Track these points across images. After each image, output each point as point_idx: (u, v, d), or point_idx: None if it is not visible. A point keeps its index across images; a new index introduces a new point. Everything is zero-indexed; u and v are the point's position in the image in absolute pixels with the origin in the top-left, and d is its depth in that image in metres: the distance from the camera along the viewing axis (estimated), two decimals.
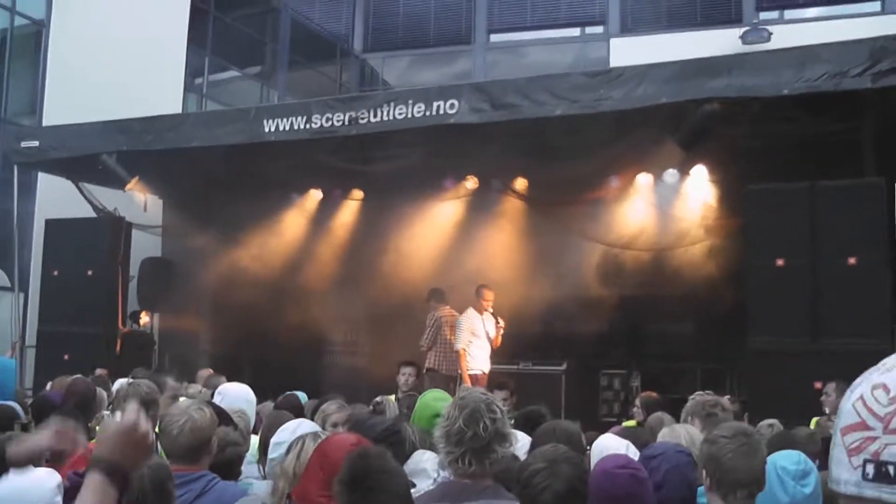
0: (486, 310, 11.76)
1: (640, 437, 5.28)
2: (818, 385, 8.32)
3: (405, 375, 10.10)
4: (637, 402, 9.22)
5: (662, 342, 12.29)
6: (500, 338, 11.79)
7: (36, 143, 12.42)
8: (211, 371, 10.85)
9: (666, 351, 12.14)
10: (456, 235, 12.93)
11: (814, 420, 7.95)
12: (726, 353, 11.05)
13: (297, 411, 6.30)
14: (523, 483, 3.26)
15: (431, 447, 4.32)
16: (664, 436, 4.66)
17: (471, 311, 11.74)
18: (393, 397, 7.90)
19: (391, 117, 10.19)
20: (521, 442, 4.78)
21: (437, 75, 21.62)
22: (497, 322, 11.71)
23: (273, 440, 4.43)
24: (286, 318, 13.20)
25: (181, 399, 5.83)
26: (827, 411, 7.97)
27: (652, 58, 10.08)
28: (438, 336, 12.20)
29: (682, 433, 4.61)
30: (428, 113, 10.00)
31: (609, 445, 4.67)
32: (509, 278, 12.13)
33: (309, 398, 7.64)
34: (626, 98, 9.15)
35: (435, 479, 4.11)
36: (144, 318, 14.31)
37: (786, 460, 3.92)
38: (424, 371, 11.34)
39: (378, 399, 7.13)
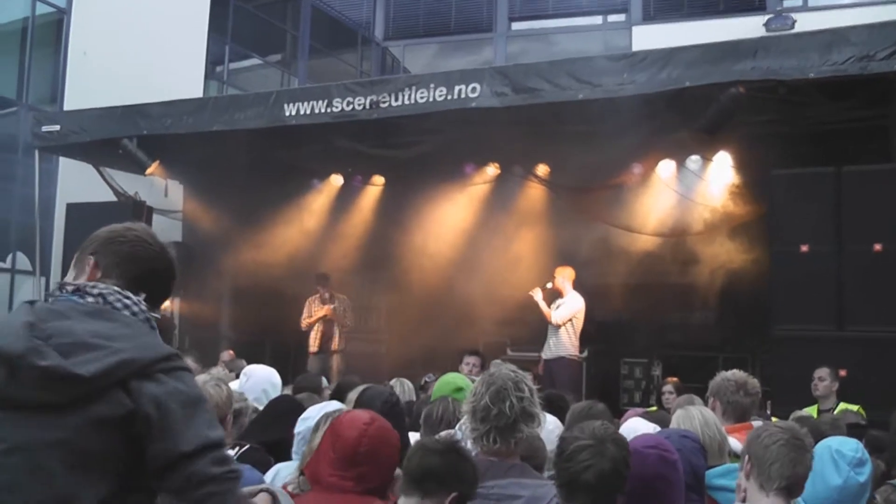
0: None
1: (663, 421, 5.23)
2: (843, 373, 8.25)
3: (468, 365, 9.55)
4: (667, 388, 9.18)
5: (684, 330, 12.21)
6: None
7: (57, 128, 12.43)
8: (232, 353, 10.85)
9: (688, 339, 12.07)
10: (477, 222, 12.89)
11: (840, 405, 7.89)
12: (749, 341, 10.97)
13: (317, 391, 6.27)
14: (566, 457, 3.19)
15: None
16: (678, 418, 4.58)
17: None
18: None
19: (412, 101, 10.11)
20: (551, 426, 4.75)
21: (458, 64, 21.48)
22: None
23: (301, 416, 4.41)
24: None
25: (198, 376, 5.80)
26: (819, 395, 7.98)
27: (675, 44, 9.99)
28: None
29: (695, 415, 4.53)
30: (449, 97, 9.93)
31: (637, 428, 4.63)
32: (530, 265, 12.08)
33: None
34: (649, 82, 9.03)
35: None
36: (165, 303, 14.30)
37: (844, 446, 3.91)
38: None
39: (429, 377, 7.08)
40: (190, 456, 2.30)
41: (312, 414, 4.30)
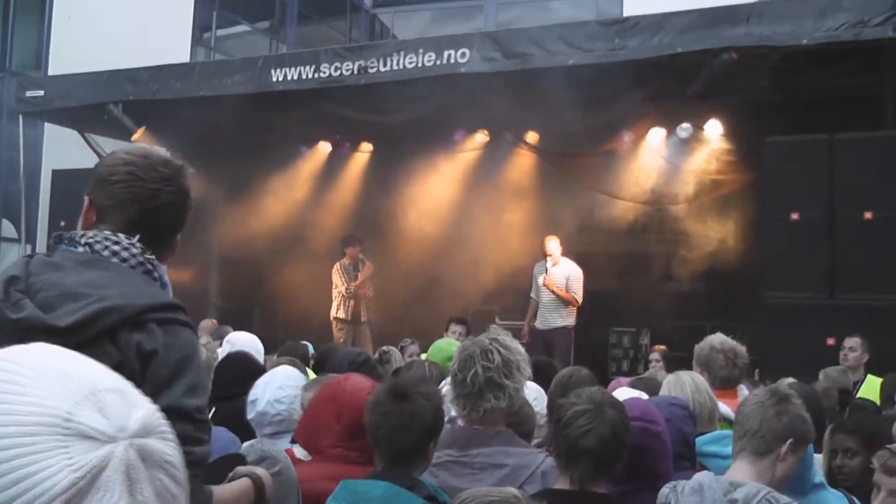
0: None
1: (652, 388, 5.18)
2: (831, 341, 8.22)
3: (454, 334, 9.15)
4: (654, 356, 9.15)
5: (673, 299, 12.15)
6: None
7: (41, 93, 12.30)
8: (214, 321, 10.77)
9: (677, 308, 12.00)
10: (466, 189, 12.82)
11: (868, 378, 7.74)
12: (739, 310, 10.92)
13: (304, 360, 6.22)
14: (565, 423, 3.09)
15: None
16: (669, 384, 4.52)
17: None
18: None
19: (401, 66, 10.05)
20: (534, 394, 4.69)
21: (450, 32, 21.30)
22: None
23: (258, 382, 4.35)
24: (295, 271, 13.13)
25: None
26: (849, 366, 7.82)
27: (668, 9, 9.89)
28: None
29: (686, 381, 4.47)
30: (438, 62, 9.86)
31: (621, 397, 4.56)
32: (519, 233, 12.02)
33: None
34: (641, 48, 8.98)
35: None
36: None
37: None
38: None
39: (385, 348, 7.08)
40: (167, 414, 2.17)
41: (266, 382, 4.27)
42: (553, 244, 11.27)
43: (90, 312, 2.12)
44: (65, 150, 13.44)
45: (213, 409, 4.69)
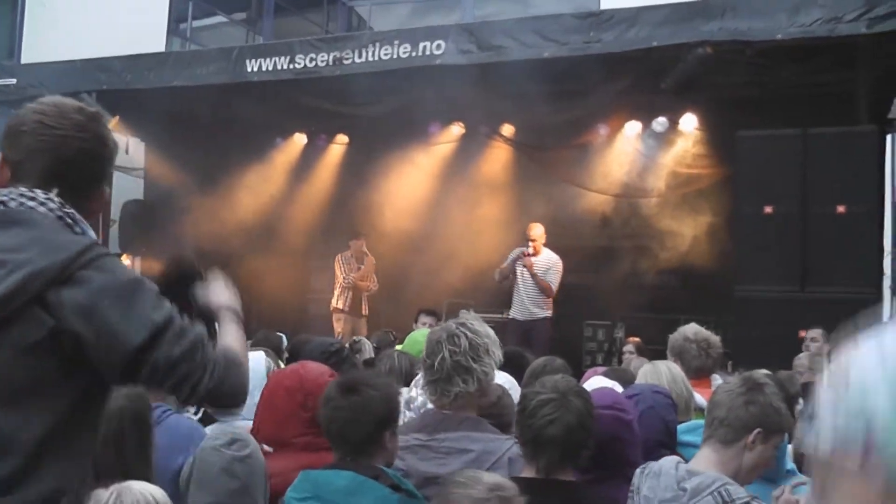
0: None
1: (626, 378, 5.18)
2: (803, 334, 8.26)
3: (424, 325, 9.11)
4: (627, 348, 9.16)
5: (648, 292, 12.16)
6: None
7: (13, 81, 12.19)
8: None
9: (651, 301, 12.01)
10: (442, 182, 12.81)
11: None
12: (712, 302, 10.93)
13: (277, 350, 6.20)
14: (529, 413, 3.09)
15: None
16: (645, 373, 4.54)
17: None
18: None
19: (377, 58, 10.02)
20: (507, 385, 4.67)
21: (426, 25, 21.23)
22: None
23: None
24: (269, 263, 13.06)
25: None
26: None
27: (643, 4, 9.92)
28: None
29: (663, 370, 4.49)
30: (414, 54, 9.84)
31: (593, 388, 4.55)
32: (495, 226, 12.02)
33: None
34: (616, 41, 8.99)
35: None
36: (126, 262, 14.13)
37: None
38: None
39: (355, 338, 7.06)
40: (144, 349, 2.06)
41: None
42: (538, 230, 11.13)
43: (15, 283, 2.01)
44: None
45: None
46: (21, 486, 1.99)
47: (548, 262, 11.07)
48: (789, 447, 3.84)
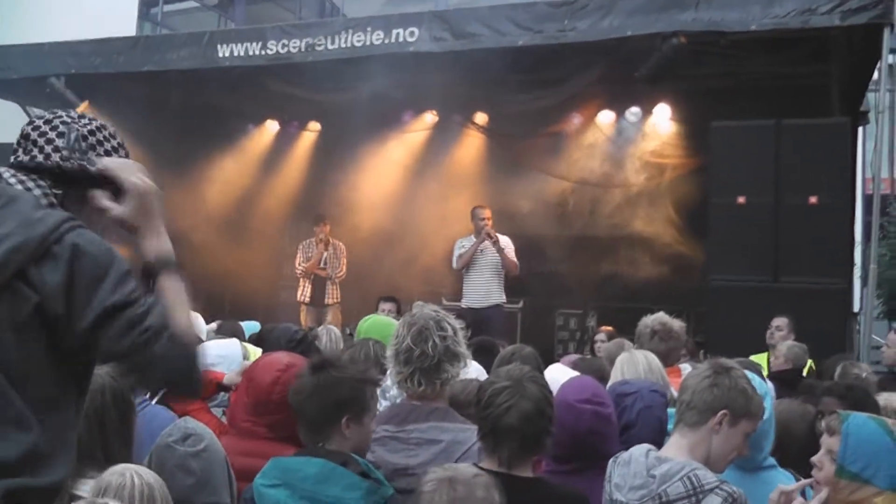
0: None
1: (594, 367, 5.17)
2: (776, 323, 8.30)
3: (384, 312, 9.07)
4: (599, 336, 9.15)
5: (620, 282, 12.18)
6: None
7: None
8: None
9: (624, 291, 12.03)
10: (414, 170, 12.76)
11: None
12: (685, 292, 10.98)
13: (239, 337, 6.14)
14: (485, 403, 3.05)
15: None
16: (622, 362, 4.51)
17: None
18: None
19: (349, 45, 9.97)
20: (475, 374, 4.64)
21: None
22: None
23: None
24: (241, 252, 12.97)
25: None
26: (774, 344, 7.92)
27: None
28: None
29: (640, 360, 4.48)
30: (387, 41, 9.79)
31: (555, 378, 4.28)
32: (467, 214, 11.98)
33: None
34: (591, 30, 8.98)
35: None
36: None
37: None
38: None
39: (311, 327, 7.03)
40: (94, 329, 1.99)
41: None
42: (488, 210, 10.89)
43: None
44: (4, 124, 13.11)
45: None
46: (41, 465, 1.95)
47: (506, 240, 10.94)
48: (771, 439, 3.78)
